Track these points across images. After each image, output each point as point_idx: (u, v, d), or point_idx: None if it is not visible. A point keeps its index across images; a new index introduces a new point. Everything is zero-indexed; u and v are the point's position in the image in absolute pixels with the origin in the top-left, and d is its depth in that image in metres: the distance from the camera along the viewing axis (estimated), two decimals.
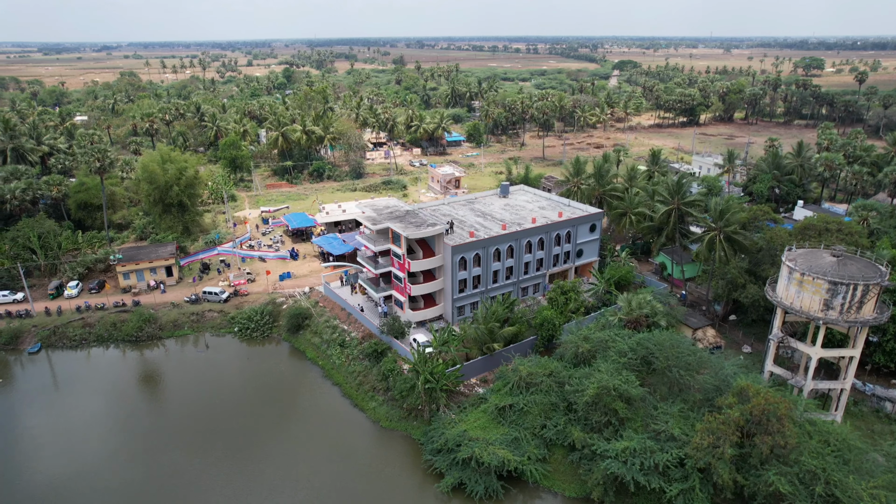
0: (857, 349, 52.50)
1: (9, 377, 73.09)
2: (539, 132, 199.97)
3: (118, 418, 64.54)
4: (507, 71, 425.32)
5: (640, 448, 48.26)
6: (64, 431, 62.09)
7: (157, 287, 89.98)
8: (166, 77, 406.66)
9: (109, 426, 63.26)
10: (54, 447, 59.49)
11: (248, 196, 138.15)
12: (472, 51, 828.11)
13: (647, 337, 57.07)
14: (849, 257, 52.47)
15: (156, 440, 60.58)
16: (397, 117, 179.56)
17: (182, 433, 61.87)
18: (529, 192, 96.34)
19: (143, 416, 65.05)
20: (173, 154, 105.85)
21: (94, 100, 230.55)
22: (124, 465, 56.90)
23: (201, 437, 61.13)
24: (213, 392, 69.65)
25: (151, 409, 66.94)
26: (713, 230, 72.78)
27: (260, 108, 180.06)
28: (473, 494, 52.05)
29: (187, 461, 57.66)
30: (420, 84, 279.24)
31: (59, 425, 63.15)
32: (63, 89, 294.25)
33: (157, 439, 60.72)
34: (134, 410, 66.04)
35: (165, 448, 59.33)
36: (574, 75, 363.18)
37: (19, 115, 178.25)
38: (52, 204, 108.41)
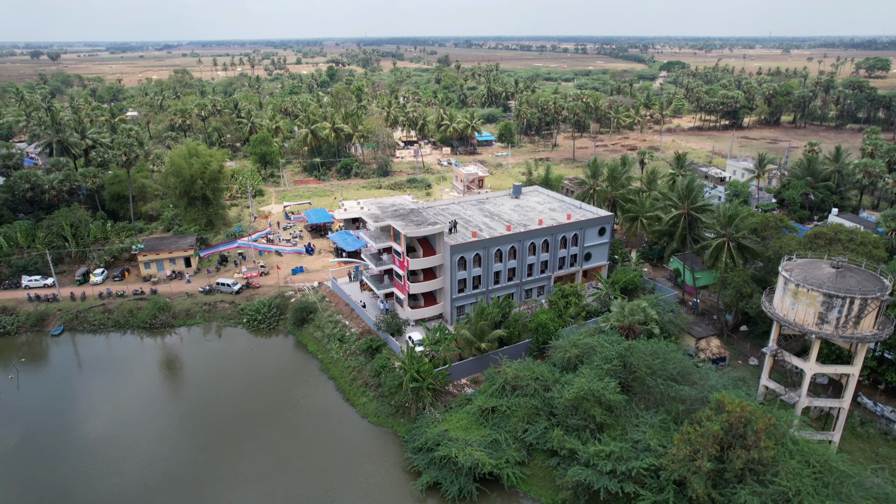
0: (856, 366, 49.69)
1: (30, 357, 77.34)
2: (572, 133, 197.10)
3: (118, 399, 67.40)
4: (550, 71, 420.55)
5: (615, 452, 47.12)
6: (65, 409, 65.33)
7: (175, 277, 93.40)
8: (217, 74, 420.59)
9: (109, 406, 66.16)
10: (55, 422, 62.73)
11: (276, 191, 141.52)
12: (520, 50, 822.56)
13: (634, 344, 55.57)
14: (850, 269, 49.69)
15: (151, 423, 62.96)
16: (427, 116, 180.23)
17: (178, 417, 64.28)
18: (543, 194, 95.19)
19: (143, 398, 67.63)
20: (199, 149, 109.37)
21: (144, 96, 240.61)
22: (118, 446, 59.35)
23: (195, 422, 63.25)
24: (213, 379, 71.92)
25: (152, 392, 69.38)
26: (721, 236, 70.28)
27: (292, 106, 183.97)
28: (447, 494, 51.98)
29: (179, 443, 59.79)
30: (458, 83, 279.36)
31: (63, 403, 66.49)
32: (119, 86, 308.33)
33: (153, 423, 63.09)
34: (134, 393, 68.79)
35: (159, 431, 61.61)
36: (619, 76, 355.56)
37: (73, 111, 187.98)
38: (88, 195, 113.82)
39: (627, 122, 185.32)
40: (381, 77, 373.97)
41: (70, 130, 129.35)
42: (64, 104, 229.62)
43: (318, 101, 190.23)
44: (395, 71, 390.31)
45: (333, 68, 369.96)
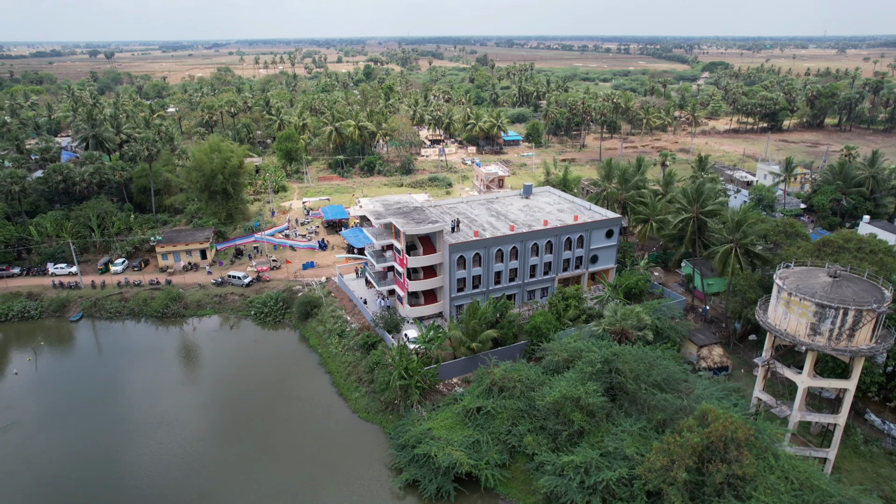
0: (852, 381, 47.28)
1: (49, 341, 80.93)
2: (601, 134, 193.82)
3: (123, 383, 70.06)
4: (589, 71, 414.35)
5: (584, 463, 46.16)
6: (74, 390, 68.11)
7: (190, 268, 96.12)
8: (259, 72, 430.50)
9: (113, 388, 68.90)
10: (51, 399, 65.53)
11: (299, 187, 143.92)
12: (561, 50, 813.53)
13: (621, 349, 54.26)
14: (850, 278, 47.29)
15: (148, 406, 65.15)
16: (454, 115, 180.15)
17: (175, 402, 66.24)
18: (554, 195, 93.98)
19: (144, 383, 69.89)
20: (222, 144, 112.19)
21: (183, 93, 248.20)
22: (116, 424, 61.51)
23: (191, 407, 65.13)
24: (214, 368, 73.89)
25: (153, 378, 71.46)
26: (729, 242, 67.94)
27: (319, 103, 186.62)
28: (425, 493, 51.94)
29: (172, 427, 61.58)
30: (491, 83, 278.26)
31: (73, 385, 69.32)
32: (164, 83, 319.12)
33: (150, 405, 65.22)
34: (137, 378, 71.27)
35: (156, 414, 63.59)
36: (658, 77, 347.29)
37: (114, 107, 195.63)
38: (117, 187, 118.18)
39: (658, 124, 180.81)
40: (417, 76, 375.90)
41: (105, 125, 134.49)
42: (110, 100, 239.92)
43: (346, 99, 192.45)
44: (431, 70, 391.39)
45: (370, 67, 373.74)
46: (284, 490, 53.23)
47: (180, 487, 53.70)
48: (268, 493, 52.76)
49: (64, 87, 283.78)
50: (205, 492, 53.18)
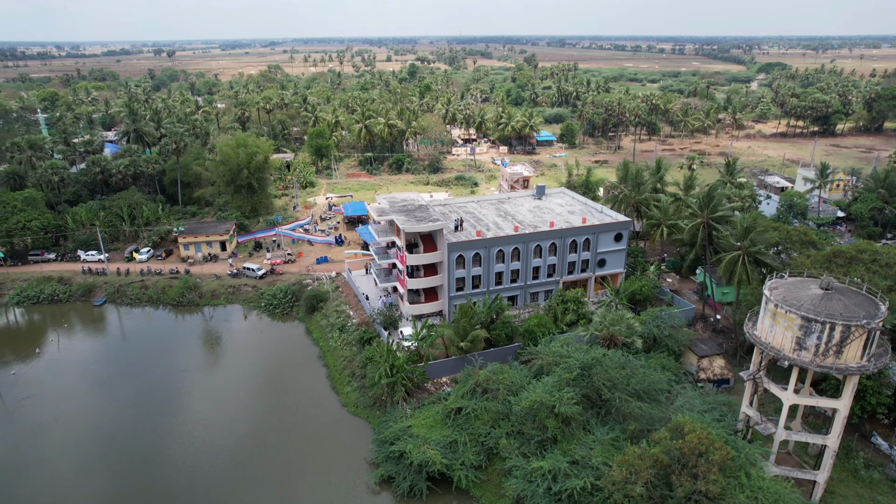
0: (842, 401, 44.49)
1: (72, 322, 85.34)
2: (639, 135, 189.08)
3: (130, 363, 73.31)
4: (637, 72, 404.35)
5: (552, 470, 45.20)
6: (88, 367, 71.63)
7: (210, 259, 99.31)
8: (309, 70, 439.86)
9: (120, 369, 72.15)
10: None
11: (328, 183, 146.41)
12: (613, 51, 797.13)
13: (602, 356, 52.75)
14: (843, 291, 44.45)
15: (149, 389, 67.94)
16: (486, 114, 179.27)
17: (174, 385, 69.00)
18: (568, 196, 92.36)
19: (149, 366, 72.84)
20: (248, 140, 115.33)
21: (229, 90, 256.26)
22: (116, 404, 64.30)
23: (188, 393, 67.37)
24: (217, 356, 76.39)
25: (158, 360, 74.48)
26: (737, 249, 65.07)
27: (352, 101, 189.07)
28: (397, 489, 52.06)
29: (165, 408, 64.09)
30: (531, 82, 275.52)
31: (88, 364, 72.91)
32: (216, 80, 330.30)
33: (151, 388, 67.97)
34: (144, 360, 74.42)
35: (155, 397, 66.15)
36: (710, 78, 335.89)
37: (163, 103, 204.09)
38: (150, 180, 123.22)
39: (697, 126, 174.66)
40: (462, 75, 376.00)
41: (145, 121, 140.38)
42: (161, 96, 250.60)
43: (381, 97, 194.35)
44: (476, 70, 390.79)
45: (415, 66, 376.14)
46: (262, 479, 54.32)
47: (160, 465, 55.67)
48: (246, 480, 53.99)
49: (122, 84, 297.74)
50: (182, 471, 54.91)
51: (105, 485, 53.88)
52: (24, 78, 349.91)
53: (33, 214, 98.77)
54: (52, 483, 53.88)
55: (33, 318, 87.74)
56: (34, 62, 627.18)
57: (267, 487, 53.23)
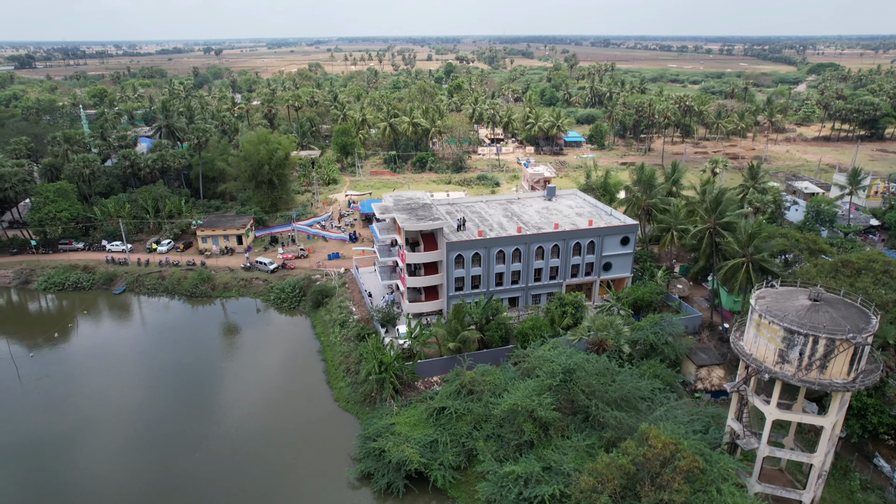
0: (829, 418, 42.29)
1: (92, 309, 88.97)
2: (672, 137, 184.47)
3: (139, 348, 76.21)
4: (679, 72, 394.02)
5: (524, 475, 44.56)
6: (102, 350, 74.73)
7: (226, 252, 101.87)
8: (349, 69, 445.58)
9: (130, 353, 75.11)
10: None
11: (351, 180, 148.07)
12: (659, 51, 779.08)
13: (585, 361, 51.65)
14: (833, 302, 42.24)
15: (153, 375, 70.50)
16: (513, 114, 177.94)
17: (175, 370, 71.32)
18: (579, 198, 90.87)
19: (154, 354, 75.52)
20: (270, 137, 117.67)
21: (266, 87, 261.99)
22: (120, 387, 66.73)
23: (187, 383, 69.19)
24: (221, 347, 78.18)
25: (164, 348, 76.96)
26: (741, 257, 62.73)
27: (378, 99, 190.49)
28: (375, 486, 52.29)
29: (168, 396, 66.21)
30: (566, 83, 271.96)
31: (102, 346, 75.97)
32: (256, 78, 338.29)
33: (155, 375, 70.46)
34: (152, 346, 77.28)
35: (158, 383, 68.38)
36: (755, 79, 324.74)
37: (200, 100, 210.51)
38: (177, 174, 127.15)
39: (731, 128, 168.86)
40: (499, 74, 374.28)
41: (177, 116, 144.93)
42: (203, 94, 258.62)
43: (410, 96, 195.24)
44: (513, 69, 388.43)
45: (451, 65, 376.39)
46: (246, 468, 55.37)
47: (153, 446, 57.48)
48: (229, 468, 55.21)
49: (167, 82, 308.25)
50: (174, 454, 56.54)
51: (98, 460, 55.98)
52: (80, 75, 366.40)
53: (64, 205, 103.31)
54: (56, 455, 56.35)
55: (57, 303, 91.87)
56: (93, 61, 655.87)
57: (249, 476, 54.24)
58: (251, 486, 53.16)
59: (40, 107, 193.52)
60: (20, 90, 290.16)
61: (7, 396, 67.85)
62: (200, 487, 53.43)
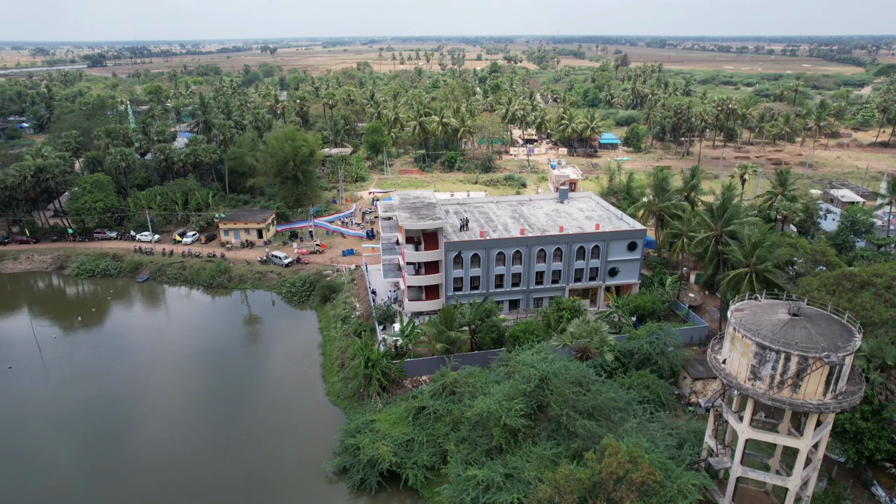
0: (804, 440, 39.86)
1: (114, 295, 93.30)
2: (714, 141, 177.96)
3: (152, 333, 79.56)
4: (734, 74, 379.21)
5: (485, 481, 43.98)
6: (119, 332, 78.41)
7: (246, 245, 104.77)
8: (397, 68, 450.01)
9: (143, 337, 78.48)
10: None
11: (379, 178, 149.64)
12: (717, 52, 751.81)
13: (562, 368, 50.37)
14: (814, 317, 39.77)
15: (159, 360, 73.63)
16: (546, 115, 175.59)
17: (181, 356, 74.21)
18: (593, 201, 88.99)
19: (165, 340, 78.69)
20: (296, 134, 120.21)
21: (311, 85, 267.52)
22: (128, 369, 69.76)
23: (188, 370, 71.69)
24: (226, 335, 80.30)
25: (173, 337, 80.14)
26: (744, 266, 59.94)
27: (412, 98, 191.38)
28: (349, 481, 52.72)
29: (169, 380, 69.00)
30: (608, 84, 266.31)
31: (119, 329, 79.72)
32: (303, 76, 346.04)
33: (161, 359, 73.59)
34: (163, 332, 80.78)
35: (162, 368, 71.34)
36: (815, 81, 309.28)
37: (242, 97, 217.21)
38: (209, 168, 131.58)
39: (774, 132, 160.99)
40: (545, 75, 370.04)
41: (215, 112, 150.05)
42: (251, 91, 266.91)
43: (445, 95, 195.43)
44: (558, 70, 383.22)
45: (496, 65, 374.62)
46: (229, 456, 56.82)
47: (146, 427, 59.88)
48: (210, 451, 56.92)
49: (218, 79, 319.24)
50: (157, 434, 58.72)
51: (94, 434, 58.76)
52: (140, 73, 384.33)
53: (100, 196, 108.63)
54: (61, 428, 59.52)
55: (86, 288, 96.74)
56: (158, 59, 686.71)
57: (231, 460, 55.68)
58: (230, 470, 54.56)
59: (96, 103, 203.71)
60: (85, 87, 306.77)
61: (29, 374, 71.93)
62: (180, 464, 55.42)
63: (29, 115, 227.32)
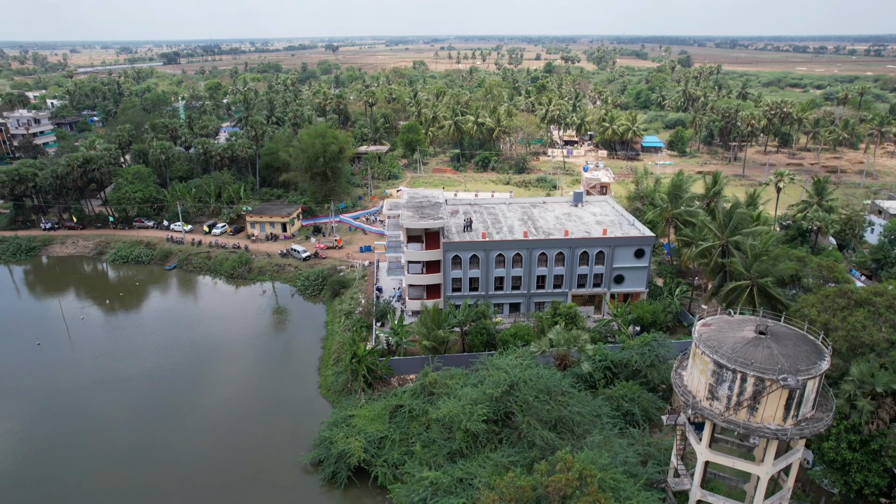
0: (763, 467, 37.41)
1: (142, 281, 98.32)
2: (766, 147, 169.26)
3: (167, 318, 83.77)
4: (804, 76, 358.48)
5: (436, 483, 43.71)
6: (134, 314, 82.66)
7: (270, 238, 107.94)
8: (454, 67, 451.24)
9: (159, 325, 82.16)
10: None
11: (412, 176, 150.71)
12: (792, 52, 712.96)
13: (534, 376, 49.27)
14: (783, 336, 37.18)
15: (167, 342, 77.54)
16: (587, 116, 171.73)
17: (188, 346, 76.93)
18: (608, 205, 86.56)
19: (178, 326, 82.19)
20: (327, 131, 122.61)
21: (361, 83, 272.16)
22: (143, 350, 73.46)
23: (194, 354, 74.59)
24: (239, 325, 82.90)
25: (187, 323, 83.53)
26: (745, 279, 56.80)
27: (450, 98, 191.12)
28: (321, 474, 53.56)
29: (172, 362, 72.57)
30: (659, 86, 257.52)
31: (138, 311, 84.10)
32: (358, 74, 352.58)
33: (170, 342, 77.36)
34: (177, 318, 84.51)
35: (170, 351, 74.86)
36: (893, 83, 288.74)
37: (284, 95, 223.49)
38: (244, 163, 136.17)
39: (831, 138, 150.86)
40: (603, 75, 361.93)
41: (257, 109, 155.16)
42: (304, 87, 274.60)
43: (485, 95, 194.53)
44: (613, 70, 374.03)
45: (551, 65, 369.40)
46: (214, 437, 58.89)
47: (137, 408, 63.00)
48: (199, 435, 59.10)
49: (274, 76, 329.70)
50: (154, 417, 61.41)
51: (98, 411, 62.25)
52: (204, 70, 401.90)
53: (140, 187, 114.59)
54: (84, 400, 63.52)
55: (119, 273, 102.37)
56: (227, 57, 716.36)
57: (215, 446, 57.68)
58: (212, 454, 56.56)
59: (153, 98, 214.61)
60: (153, 83, 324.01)
61: (57, 351, 76.82)
62: (169, 447, 57.82)
63: (99, 109, 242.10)
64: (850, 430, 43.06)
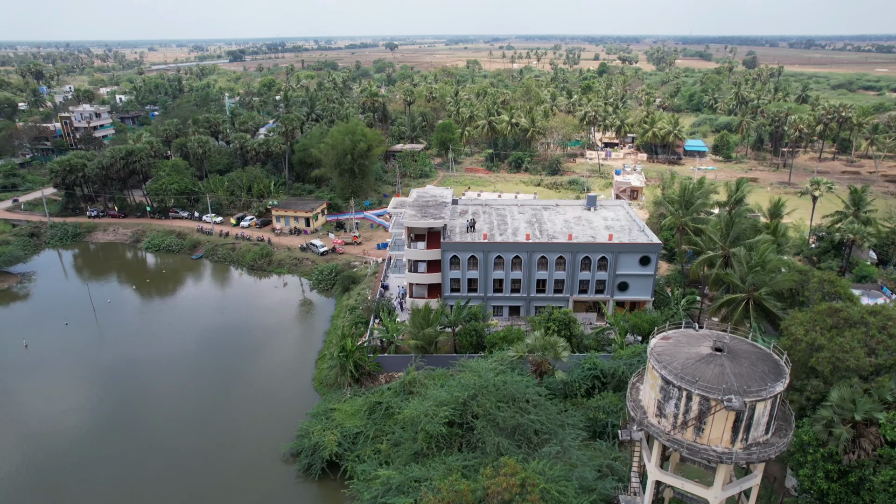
0: (713, 491, 35.44)
1: (169, 269, 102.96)
2: (822, 153, 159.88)
3: (186, 306, 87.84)
4: (880, 78, 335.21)
5: (387, 483, 43.79)
6: (162, 297, 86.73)
7: (294, 232, 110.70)
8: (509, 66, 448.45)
9: (179, 311, 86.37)
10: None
11: (444, 175, 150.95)
12: (875, 52, 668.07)
13: (501, 382, 48.39)
14: (742, 354, 35.08)
15: (182, 330, 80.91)
16: (626, 118, 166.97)
17: (201, 333, 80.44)
18: (622, 210, 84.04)
19: (193, 312, 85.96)
20: (357, 128, 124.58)
21: (409, 82, 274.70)
22: (157, 334, 77.02)
23: (202, 341, 77.46)
24: (247, 316, 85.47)
25: (201, 311, 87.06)
26: (741, 291, 53.94)
27: (487, 98, 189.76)
28: (298, 465, 54.64)
29: (181, 348, 75.88)
30: (720, 87, 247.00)
31: (161, 294, 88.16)
32: (409, 72, 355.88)
33: (183, 330, 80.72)
34: (194, 306, 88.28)
35: (183, 336, 78.58)
36: None
37: (339, 91, 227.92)
38: (278, 158, 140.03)
39: (893, 145, 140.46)
40: (653, 76, 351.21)
41: (297, 105, 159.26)
42: (355, 85, 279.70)
43: (524, 95, 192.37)
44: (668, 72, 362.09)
45: (605, 65, 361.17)
46: (201, 424, 61.02)
47: (135, 392, 66.13)
48: (186, 421, 61.42)
49: (326, 74, 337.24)
50: (149, 399, 64.24)
51: (105, 389, 65.76)
52: (263, 67, 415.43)
53: (176, 179, 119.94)
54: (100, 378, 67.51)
55: (150, 261, 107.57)
56: (289, 54, 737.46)
57: (201, 432, 59.77)
58: (200, 440, 58.63)
59: (202, 94, 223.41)
60: (213, 80, 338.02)
61: (85, 333, 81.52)
62: (157, 429, 60.34)
63: (160, 104, 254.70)
64: (828, 458, 40.20)
